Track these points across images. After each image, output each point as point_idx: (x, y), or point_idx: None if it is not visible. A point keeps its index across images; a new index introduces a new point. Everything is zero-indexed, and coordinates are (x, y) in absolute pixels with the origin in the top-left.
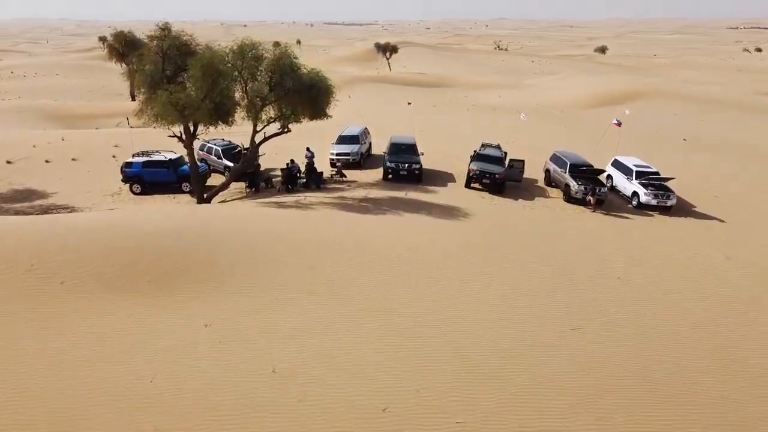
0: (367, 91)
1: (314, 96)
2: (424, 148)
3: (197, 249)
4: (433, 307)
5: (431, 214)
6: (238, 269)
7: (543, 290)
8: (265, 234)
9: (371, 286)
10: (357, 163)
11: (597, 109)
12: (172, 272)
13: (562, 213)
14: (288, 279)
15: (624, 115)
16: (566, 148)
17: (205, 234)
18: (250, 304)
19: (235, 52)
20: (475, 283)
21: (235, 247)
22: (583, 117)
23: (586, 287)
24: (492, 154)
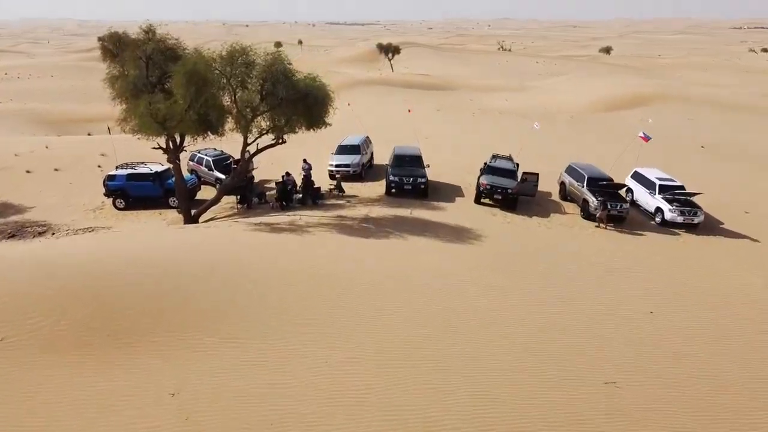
0: (368, 95)
1: (310, 105)
2: (429, 158)
3: (171, 290)
4: (451, 356)
5: (439, 237)
6: (216, 315)
7: (565, 330)
8: (252, 268)
9: (375, 333)
10: (358, 175)
11: (608, 114)
12: (136, 323)
13: (581, 232)
14: (276, 327)
15: (648, 123)
16: (579, 157)
17: (182, 269)
18: (229, 362)
19: (223, 57)
20: (490, 324)
21: (216, 287)
22: (594, 122)
23: (615, 325)
24: (503, 166)
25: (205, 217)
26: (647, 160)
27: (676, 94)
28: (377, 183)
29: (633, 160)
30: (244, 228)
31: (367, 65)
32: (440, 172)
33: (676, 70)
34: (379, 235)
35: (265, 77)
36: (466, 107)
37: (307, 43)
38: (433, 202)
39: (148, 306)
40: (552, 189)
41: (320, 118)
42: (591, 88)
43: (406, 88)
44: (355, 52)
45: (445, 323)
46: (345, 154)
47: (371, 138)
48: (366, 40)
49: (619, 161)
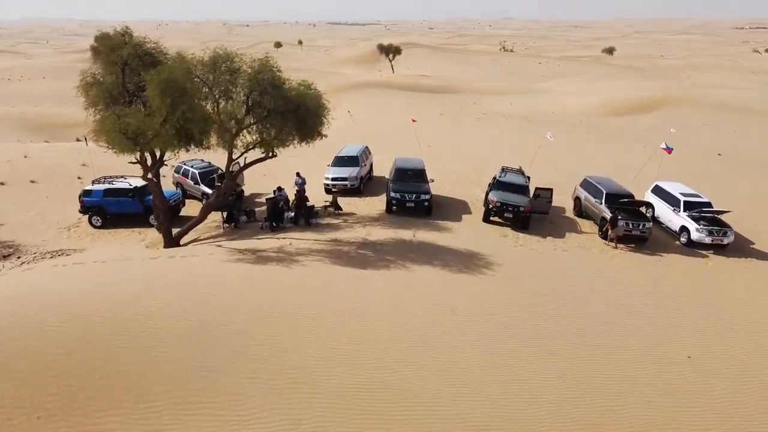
0: (368, 98)
1: (302, 117)
2: (432, 168)
3: (129, 351)
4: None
5: (446, 265)
6: (180, 383)
7: (597, 392)
8: (230, 313)
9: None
10: (356, 188)
11: (618, 119)
12: (73, 401)
13: (601, 256)
14: (255, 393)
15: (671, 133)
16: (592, 168)
17: (146, 322)
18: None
19: (205, 64)
20: (509, 382)
21: (186, 348)
22: (604, 127)
23: (649, 377)
24: (514, 181)
25: (188, 238)
26: (662, 170)
27: (687, 97)
28: (377, 198)
29: (651, 171)
30: (226, 257)
31: (368, 66)
32: (444, 184)
33: (680, 71)
34: (379, 264)
35: (252, 86)
36: (469, 111)
37: (307, 43)
38: (438, 222)
39: (90, 377)
40: (565, 204)
41: (314, 131)
42: (598, 90)
43: (408, 91)
44: (356, 53)
45: (456, 383)
46: (342, 166)
47: (370, 148)
48: (367, 40)
49: (632, 170)
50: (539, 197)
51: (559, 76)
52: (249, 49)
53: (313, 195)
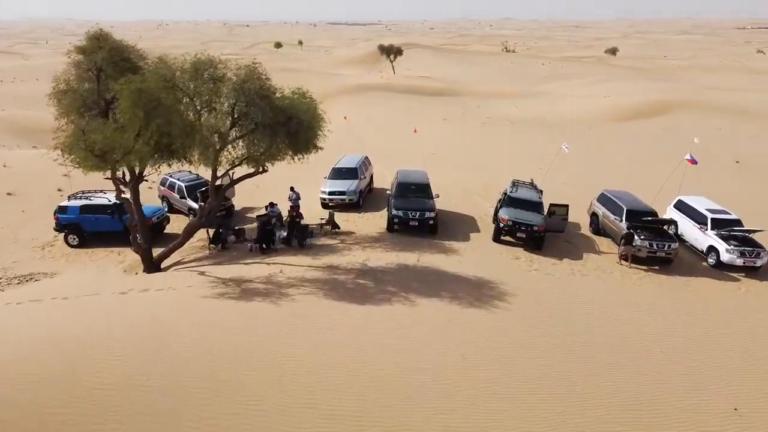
0: (368, 102)
1: (294, 130)
2: (436, 179)
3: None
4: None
5: (454, 298)
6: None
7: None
8: (199, 375)
9: None
10: (355, 203)
11: (628, 124)
12: None
13: (623, 280)
14: None
15: (694, 143)
16: (606, 177)
17: (100, 387)
18: None
19: (185, 71)
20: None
21: (153, 419)
22: (614, 133)
23: None
24: (527, 197)
25: (171, 260)
26: (677, 179)
27: (697, 100)
28: (378, 214)
29: (669, 182)
30: (206, 291)
31: (368, 67)
32: (450, 196)
33: (685, 73)
34: (380, 297)
35: (237, 96)
36: (474, 115)
37: (307, 43)
38: (444, 242)
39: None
40: (579, 219)
41: (308, 144)
42: (604, 93)
43: (409, 94)
44: (356, 54)
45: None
46: (340, 178)
47: (370, 156)
48: (368, 41)
49: (648, 180)
50: (554, 215)
51: (563, 77)
52: (248, 49)
53: (309, 210)
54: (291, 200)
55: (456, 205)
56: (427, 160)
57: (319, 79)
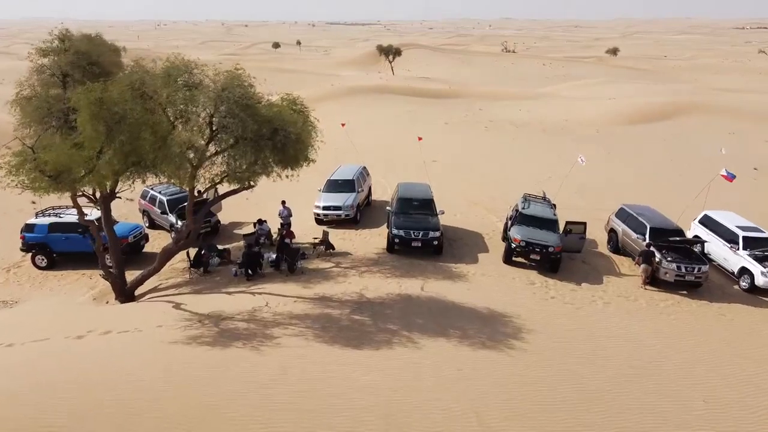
0: (367, 104)
1: (281, 144)
2: (439, 189)
3: None
4: None
5: (464, 337)
6: None
7: None
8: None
9: None
10: (352, 218)
11: (636, 128)
12: None
13: (650, 310)
14: None
15: (721, 154)
16: (617, 184)
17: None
18: None
19: (157, 78)
20: None
21: None
22: (624, 138)
23: None
24: (541, 215)
25: (148, 285)
26: (691, 188)
27: (706, 103)
28: (377, 231)
29: (686, 193)
30: (176, 335)
31: (367, 68)
32: (454, 209)
33: (688, 73)
34: (379, 338)
35: (216, 106)
36: (476, 119)
37: (306, 43)
38: (451, 265)
39: None
40: (595, 235)
41: (298, 159)
42: (609, 95)
43: (409, 96)
44: (355, 54)
45: None
46: (336, 191)
47: (368, 164)
48: (366, 40)
49: (665, 189)
50: (571, 233)
51: (565, 78)
52: (247, 49)
53: (302, 226)
54: (282, 217)
55: (461, 219)
56: (429, 168)
57: (316, 81)
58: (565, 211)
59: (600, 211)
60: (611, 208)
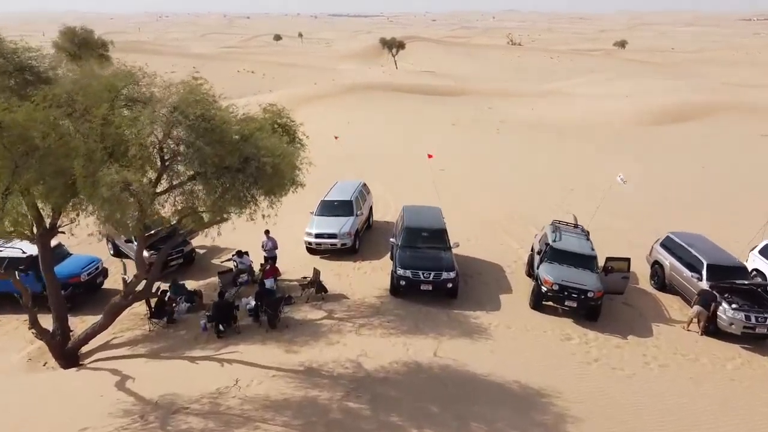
0: (369, 105)
1: (253, 177)
2: (449, 208)
3: None
4: None
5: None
6: None
7: None
8: None
9: None
10: (350, 248)
11: (660, 129)
12: None
13: (716, 372)
14: None
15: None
16: (650, 198)
17: None
18: None
19: (88, 93)
20: None
21: None
22: (648, 140)
23: None
24: (576, 249)
25: (97, 341)
26: (737, 205)
27: (732, 101)
28: (378, 264)
29: (739, 215)
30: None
31: (370, 61)
32: (467, 232)
33: (701, 67)
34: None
35: (167, 131)
36: (486, 119)
37: (308, 35)
38: (468, 313)
39: None
40: (637, 268)
41: (278, 188)
42: (624, 92)
43: (413, 94)
44: (357, 47)
45: None
46: (331, 214)
47: (370, 177)
48: (369, 33)
49: (706, 206)
50: (612, 271)
51: (575, 72)
52: (248, 41)
53: (291, 256)
54: (265, 249)
55: (476, 245)
56: (437, 179)
57: (316, 75)
58: (595, 234)
59: (634, 233)
60: (646, 230)
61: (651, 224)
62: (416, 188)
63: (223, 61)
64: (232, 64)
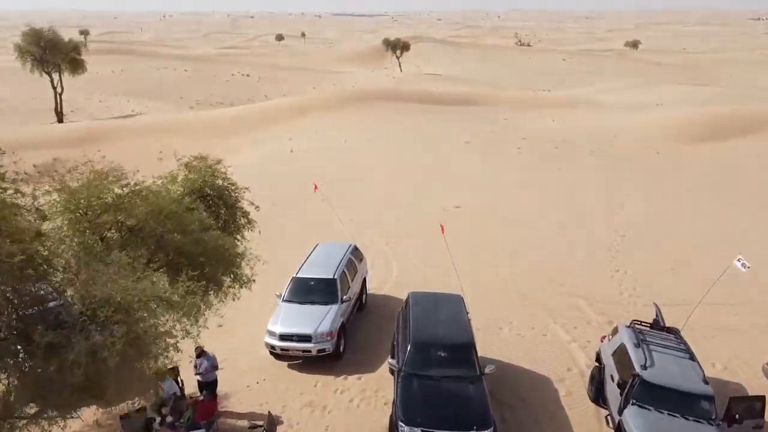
0: (370, 118)
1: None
2: (469, 272)
3: None
4: None
5: None
6: None
7: None
8: None
9: None
10: (331, 353)
11: (704, 146)
12: None
13: None
14: None
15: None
16: (723, 247)
17: None
18: None
19: None
20: None
21: None
22: (694, 164)
23: None
24: (679, 384)
25: None
26: None
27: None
28: (372, 378)
29: None
30: None
31: (373, 64)
32: (496, 315)
33: (720, 69)
34: None
35: None
36: (504, 135)
37: (312, 35)
38: None
39: None
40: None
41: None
42: (653, 100)
43: (420, 104)
44: (361, 48)
45: None
46: (305, 300)
47: (368, 220)
48: (373, 32)
49: None
50: (738, 421)
51: (592, 75)
52: (251, 41)
53: (249, 365)
54: (199, 371)
55: (511, 340)
56: (451, 218)
57: (316, 79)
58: (695, 338)
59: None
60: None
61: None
62: (425, 236)
63: (218, 64)
64: (227, 67)
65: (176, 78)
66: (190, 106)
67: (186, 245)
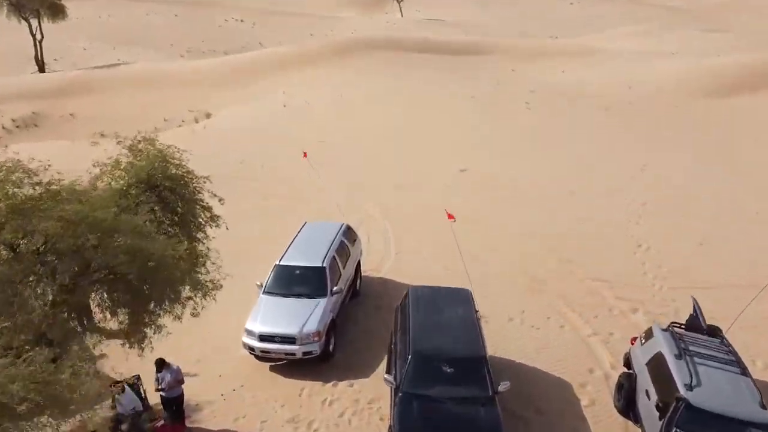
0: (369, 71)
1: None
2: (476, 253)
3: None
4: None
5: None
6: None
7: None
8: None
9: None
10: (319, 356)
11: (731, 102)
12: None
13: None
14: None
15: None
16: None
17: None
18: None
19: None
20: None
21: None
22: (721, 120)
23: None
24: (730, 410)
25: None
26: None
27: None
28: (366, 383)
29: None
30: None
31: (372, 8)
32: (507, 304)
33: (730, 15)
34: None
35: None
36: (511, 88)
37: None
38: None
39: None
40: None
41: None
42: (668, 48)
43: (423, 54)
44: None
45: None
46: (289, 293)
47: (364, 192)
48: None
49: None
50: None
51: (600, 20)
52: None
53: (225, 366)
54: (160, 386)
55: (525, 335)
56: (457, 182)
57: (313, 25)
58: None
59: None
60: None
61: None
62: (426, 214)
63: (210, 7)
64: (220, 11)
65: (165, 23)
66: (181, 54)
67: (118, 265)
